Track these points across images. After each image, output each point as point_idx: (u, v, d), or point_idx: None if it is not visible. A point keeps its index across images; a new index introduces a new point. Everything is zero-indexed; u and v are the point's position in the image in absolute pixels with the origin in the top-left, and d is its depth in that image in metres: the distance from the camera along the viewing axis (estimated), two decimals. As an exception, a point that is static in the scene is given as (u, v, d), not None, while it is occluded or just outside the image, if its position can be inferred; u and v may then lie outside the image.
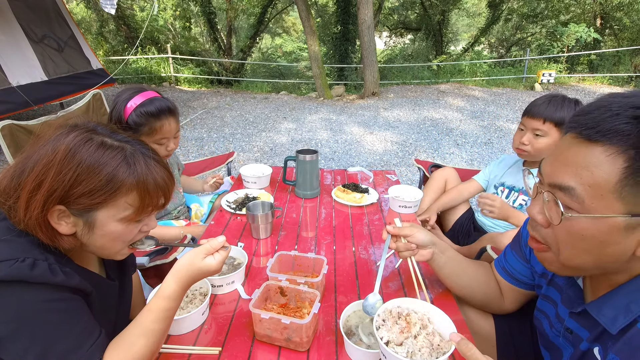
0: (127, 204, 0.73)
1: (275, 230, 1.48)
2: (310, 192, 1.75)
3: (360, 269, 1.25)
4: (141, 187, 0.73)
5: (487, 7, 15.87)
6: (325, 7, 16.31)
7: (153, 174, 0.75)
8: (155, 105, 1.43)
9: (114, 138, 0.74)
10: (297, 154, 1.70)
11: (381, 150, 5.16)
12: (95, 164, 0.69)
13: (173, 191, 0.82)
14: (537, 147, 1.54)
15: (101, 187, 0.69)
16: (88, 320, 0.74)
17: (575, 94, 8.70)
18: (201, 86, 10.29)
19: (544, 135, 1.52)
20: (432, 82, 10.25)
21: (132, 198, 0.73)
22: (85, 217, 0.72)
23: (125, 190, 0.72)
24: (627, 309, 0.66)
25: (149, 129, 1.43)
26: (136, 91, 1.45)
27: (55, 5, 5.98)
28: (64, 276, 0.70)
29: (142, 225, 0.80)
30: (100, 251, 0.78)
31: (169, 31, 14.11)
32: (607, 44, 13.08)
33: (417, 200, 1.66)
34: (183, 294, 0.83)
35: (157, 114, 1.43)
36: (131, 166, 0.72)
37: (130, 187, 0.72)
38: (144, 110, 1.41)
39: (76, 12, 14.33)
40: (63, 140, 0.69)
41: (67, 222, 0.71)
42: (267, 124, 6.38)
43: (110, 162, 0.70)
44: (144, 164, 0.74)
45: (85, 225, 0.72)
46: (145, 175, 0.73)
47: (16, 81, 4.98)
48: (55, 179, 0.67)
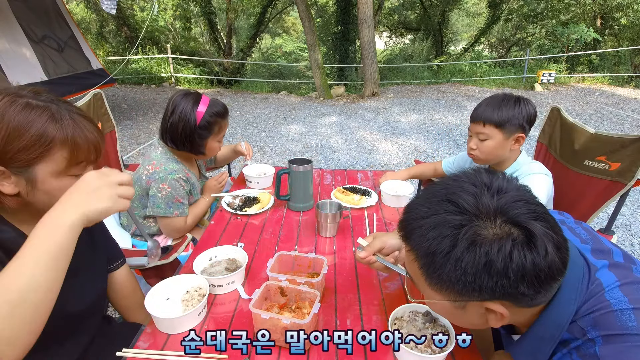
0: (62, 157, 0.77)
1: (275, 230, 1.49)
2: (303, 204, 1.64)
3: (360, 268, 1.25)
4: (71, 141, 0.77)
5: (487, 7, 15.89)
6: (325, 7, 16.31)
7: (82, 129, 0.79)
8: (220, 105, 1.62)
9: (39, 99, 0.78)
10: (289, 164, 1.59)
11: (381, 150, 5.16)
12: (24, 122, 0.73)
13: (104, 144, 0.86)
14: (484, 151, 1.49)
15: (33, 142, 0.74)
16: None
17: (575, 93, 8.71)
18: (201, 86, 10.30)
19: (487, 139, 1.46)
20: (432, 82, 10.25)
21: (65, 152, 0.77)
22: (25, 174, 0.76)
23: (58, 145, 0.76)
24: (535, 358, 0.73)
25: (218, 127, 1.62)
26: (195, 96, 1.59)
27: (55, 6, 5.98)
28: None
29: None
30: (48, 208, 0.74)
31: (169, 31, 14.11)
32: (607, 44, 13.08)
33: (410, 192, 1.71)
34: (71, 223, 0.71)
35: (223, 114, 1.63)
36: (59, 122, 0.76)
37: (62, 142, 0.76)
38: (214, 111, 1.58)
39: (76, 12, 14.32)
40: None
41: (8, 182, 0.76)
42: (267, 124, 6.38)
43: (37, 120, 0.74)
44: (71, 119, 0.79)
45: (27, 184, 0.77)
46: (74, 130, 0.78)
47: (16, 81, 4.97)
48: None
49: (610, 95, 8.62)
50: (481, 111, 1.46)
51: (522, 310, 0.68)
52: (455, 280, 0.63)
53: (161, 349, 0.92)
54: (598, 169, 1.58)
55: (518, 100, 1.45)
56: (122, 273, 1.13)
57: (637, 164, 1.43)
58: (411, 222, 0.68)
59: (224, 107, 1.64)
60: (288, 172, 1.58)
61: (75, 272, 0.92)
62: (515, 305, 0.65)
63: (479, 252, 0.60)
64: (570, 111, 6.98)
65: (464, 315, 0.71)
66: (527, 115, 1.44)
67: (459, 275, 0.62)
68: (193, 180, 1.67)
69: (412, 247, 0.68)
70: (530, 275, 0.60)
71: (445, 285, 0.65)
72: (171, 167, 1.56)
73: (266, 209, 1.63)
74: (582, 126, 1.69)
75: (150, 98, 8.20)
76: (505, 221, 0.61)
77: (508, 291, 0.61)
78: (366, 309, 1.06)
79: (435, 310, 0.79)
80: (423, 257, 0.66)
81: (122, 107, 7.29)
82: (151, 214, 1.57)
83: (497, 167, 1.58)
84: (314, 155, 4.98)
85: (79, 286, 0.94)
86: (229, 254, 1.25)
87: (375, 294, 1.12)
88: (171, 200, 1.55)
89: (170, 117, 1.56)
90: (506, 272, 0.59)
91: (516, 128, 1.43)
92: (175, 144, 1.60)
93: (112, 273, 1.12)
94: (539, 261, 0.59)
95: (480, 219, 0.61)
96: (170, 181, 1.54)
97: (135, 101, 7.87)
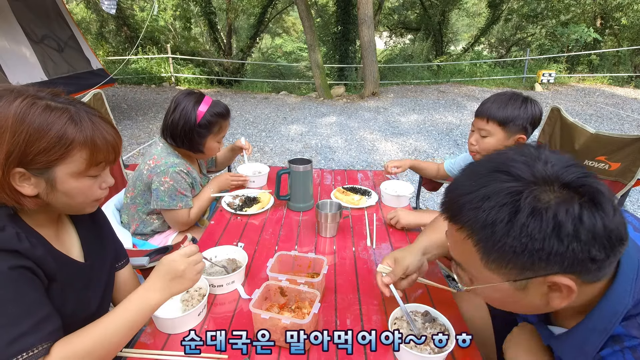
0: (82, 159, 0.78)
1: (275, 230, 1.49)
2: (303, 204, 1.64)
3: (360, 269, 1.25)
4: (90, 142, 0.78)
5: (487, 7, 15.89)
6: (325, 7, 16.31)
7: (100, 130, 0.80)
8: (221, 106, 1.65)
9: (57, 101, 0.78)
10: (289, 164, 1.59)
11: (381, 150, 5.16)
12: (44, 124, 0.74)
13: (121, 145, 0.88)
14: (484, 147, 1.48)
15: (53, 144, 0.74)
16: (39, 298, 0.76)
17: (575, 93, 8.71)
18: (201, 86, 10.30)
19: (488, 135, 1.45)
20: (432, 82, 10.25)
21: (84, 153, 0.78)
22: (45, 175, 0.77)
23: (77, 147, 0.77)
24: (582, 351, 0.68)
25: (218, 128, 1.64)
26: (198, 96, 1.61)
27: (55, 5, 5.98)
28: (29, 245, 0.76)
29: (100, 181, 0.86)
30: (67, 208, 0.85)
31: (169, 31, 14.11)
32: (607, 44, 13.08)
33: (410, 192, 1.71)
34: (149, 297, 0.84)
35: (225, 115, 1.66)
36: (78, 123, 0.77)
37: (81, 143, 0.77)
38: (215, 111, 1.61)
39: (76, 12, 14.32)
40: (10, 107, 0.73)
41: (28, 183, 0.77)
42: (267, 124, 6.38)
43: (57, 121, 0.75)
44: (90, 121, 0.79)
45: (47, 185, 0.78)
46: (93, 131, 0.79)
47: (16, 81, 4.97)
48: (10, 141, 0.72)
49: (610, 95, 8.62)
50: (487, 107, 1.44)
51: (584, 289, 0.63)
52: (520, 251, 0.58)
53: (161, 349, 0.92)
54: (598, 169, 1.58)
55: (525, 100, 1.42)
56: (126, 272, 1.14)
57: (637, 164, 1.44)
58: (457, 199, 0.64)
59: (225, 108, 1.67)
60: (288, 172, 1.58)
61: (97, 276, 0.96)
62: (581, 278, 0.60)
63: (546, 215, 0.56)
64: (570, 111, 6.97)
65: (523, 297, 0.65)
66: (532, 116, 1.41)
67: (525, 243, 0.57)
68: (194, 174, 1.69)
69: (463, 223, 0.63)
70: (601, 237, 0.57)
71: (507, 260, 0.60)
72: (172, 161, 1.58)
73: (266, 209, 1.63)
74: (582, 126, 1.69)
75: (150, 98, 8.20)
76: (563, 186, 0.58)
77: (579, 257, 0.57)
78: (366, 309, 1.06)
79: (487, 296, 0.72)
80: (480, 231, 0.61)
81: (122, 107, 7.29)
82: (155, 207, 1.58)
83: None
84: (314, 155, 4.99)
85: (98, 287, 0.97)
86: (229, 254, 1.25)
87: (375, 294, 1.12)
88: (174, 192, 1.57)
89: (171, 114, 1.59)
90: (577, 234, 0.56)
91: (519, 129, 1.41)
92: (174, 141, 1.62)
93: (117, 272, 1.12)
94: (608, 221, 0.57)
95: (538, 185, 0.58)
96: (172, 174, 1.55)
97: (135, 101, 7.87)
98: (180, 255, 0.87)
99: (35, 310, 0.74)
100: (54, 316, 0.77)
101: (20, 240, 0.74)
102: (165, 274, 0.86)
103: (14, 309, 0.71)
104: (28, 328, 0.71)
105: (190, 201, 1.64)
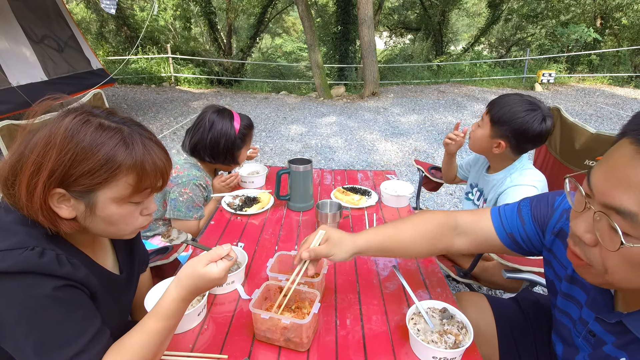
0: (126, 184, 0.73)
1: (275, 230, 1.48)
2: (303, 204, 1.64)
3: (360, 268, 1.25)
4: (139, 167, 0.73)
5: (487, 7, 15.89)
6: (325, 7, 16.31)
7: (151, 155, 0.75)
8: (248, 118, 1.77)
9: (111, 120, 0.74)
10: (289, 164, 1.59)
11: (381, 150, 5.16)
12: (94, 144, 0.69)
13: (171, 171, 0.82)
14: (472, 136, 1.50)
15: (99, 166, 0.69)
16: (88, 313, 0.74)
17: (575, 93, 8.71)
18: (201, 86, 10.29)
19: (481, 126, 1.46)
20: (432, 82, 10.25)
21: (130, 179, 0.73)
22: (86, 199, 0.72)
23: (124, 171, 0.72)
24: None
25: (249, 138, 1.76)
26: (229, 112, 1.71)
27: (55, 5, 5.98)
28: (71, 267, 0.71)
29: (142, 208, 0.80)
30: (104, 234, 0.79)
31: (169, 31, 14.11)
32: (607, 44, 13.08)
33: (410, 192, 1.71)
34: (186, 305, 0.81)
35: (252, 125, 1.79)
36: (129, 146, 0.72)
37: (129, 168, 0.72)
38: (245, 124, 1.73)
39: (76, 12, 14.33)
40: (61, 123, 0.69)
41: (67, 205, 0.71)
42: (267, 124, 6.38)
43: (108, 143, 0.70)
44: (142, 144, 0.74)
45: (86, 208, 0.73)
46: (143, 156, 0.73)
47: (16, 81, 4.98)
48: (55, 160, 0.67)
49: (610, 95, 8.62)
50: (497, 100, 1.44)
51: None
52: None
53: (161, 349, 0.92)
54: (598, 169, 1.58)
55: (530, 111, 1.34)
56: (145, 274, 1.14)
57: (637, 164, 1.43)
58: None
59: (249, 119, 1.79)
60: (288, 172, 1.59)
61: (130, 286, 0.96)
62: None
63: None
64: (570, 111, 6.98)
65: None
66: (523, 130, 1.35)
67: None
68: (210, 187, 1.75)
69: None
70: None
71: None
72: (194, 174, 1.65)
73: (266, 209, 1.63)
74: (583, 126, 1.69)
75: (150, 98, 8.20)
76: None
77: None
78: (366, 309, 1.06)
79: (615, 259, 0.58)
80: None
81: (122, 107, 7.29)
82: (171, 216, 1.63)
83: (492, 166, 1.58)
84: (314, 155, 4.98)
85: (130, 296, 0.98)
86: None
87: (375, 294, 1.12)
88: (191, 204, 1.62)
89: (209, 133, 1.65)
90: None
91: (500, 134, 1.39)
92: (214, 158, 1.69)
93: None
94: None
95: None
96: (192, 186, 1.61)
97: (135, 101, 7.86)
98: (225, 271, 0.82)
99: (87, 326, 0.72)
100: (104, 328, 0.75)
101: (61, 264, 0.69)
102: (206, 283, 0.80)
103: (67, 329, 0.69)
104: (83, 346, 0.69)
105: (203, 212, 1.70)
